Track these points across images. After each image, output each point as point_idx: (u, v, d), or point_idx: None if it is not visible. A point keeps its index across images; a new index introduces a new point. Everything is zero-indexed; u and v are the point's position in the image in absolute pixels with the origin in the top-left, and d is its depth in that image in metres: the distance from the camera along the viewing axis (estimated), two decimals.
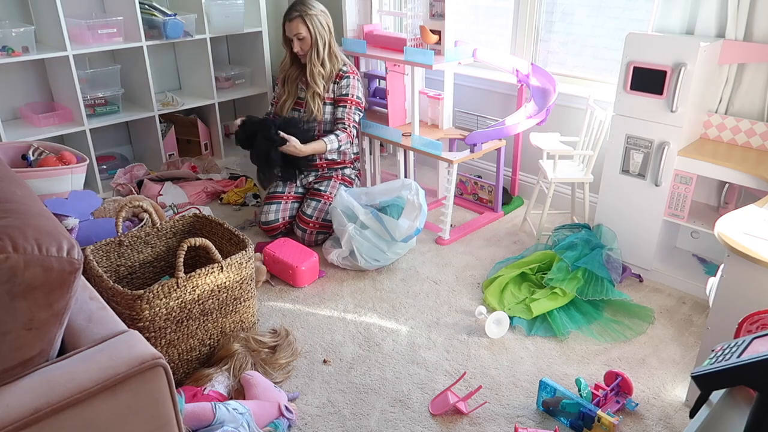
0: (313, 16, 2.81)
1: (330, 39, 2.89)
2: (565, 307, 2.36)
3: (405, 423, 1.89)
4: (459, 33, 3.42)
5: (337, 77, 2.92)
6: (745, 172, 2.21)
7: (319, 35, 2.84)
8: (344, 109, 2.90)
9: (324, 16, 2.86)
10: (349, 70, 2.92)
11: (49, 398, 1.03)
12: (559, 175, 2.75)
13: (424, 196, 2.70)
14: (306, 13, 2.81)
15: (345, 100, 2.90)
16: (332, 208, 2.75)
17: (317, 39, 2.84)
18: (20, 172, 2.60)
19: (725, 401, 1.01)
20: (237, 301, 2.08)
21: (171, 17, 3.34)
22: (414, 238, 2.71)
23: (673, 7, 2.45)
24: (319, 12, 2.85)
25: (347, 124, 2.90)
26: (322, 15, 2.86)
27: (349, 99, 2.90)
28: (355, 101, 2.92)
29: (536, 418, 1.91)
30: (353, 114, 2.93)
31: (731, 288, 1.70)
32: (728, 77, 2.41)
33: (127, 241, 2.16)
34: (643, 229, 2.57)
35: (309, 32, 2.83)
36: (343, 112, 2.91)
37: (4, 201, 1.14)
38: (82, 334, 1.20)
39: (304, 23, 2.81)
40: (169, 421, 1.20)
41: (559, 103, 3.03)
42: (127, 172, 3.40)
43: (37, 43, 3.08)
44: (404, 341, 2.26)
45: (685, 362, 2.14)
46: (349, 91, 2.90)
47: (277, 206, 2.97)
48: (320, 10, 2.86)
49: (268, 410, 1.82)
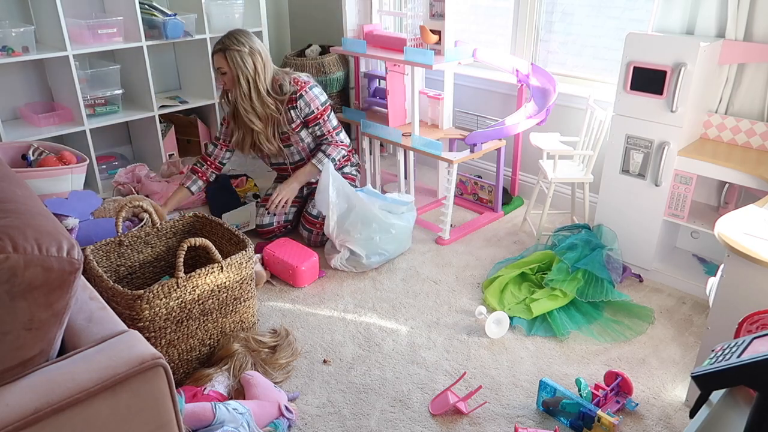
0: (234, 53, 2.60)
1: (256, 79, 2.65)
2: (565, 307, 2.36)
3: (405, 423, 1.89)
4: (459, 33, 3.42)
5: (290, 102, 2.73)
6: (745, 172, 2.21)
7: (240, 73, 2.62)
8: (319, 126, 2.79)
9: (252, 54, 2.63)
10: (297, 88, 2.72)
11: (49, 398, 1.03)
12: (559, 175, 2.75)
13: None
14: (228, 47, 2.61)
15: (313, 117, 2.77)
16: (318, 186, 2.66)
17: (239, 76, 2.63)
18: (20, 172, 2.61)
19: (725, 401, 1.01)
20: (237, 301, 2.08)
21: (171, 17, 3.34)
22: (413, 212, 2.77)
23: (673, 7, 2.45)
24: (247, 49, 2.61)
25: (329, 137, 2.82)
26: (250, 53, 2.62)
27: (317, 114, 2.77)
28: (322, 111, 2.77)
29: (536, 418, 1.91)
30: (329, 123, 2.81)
31: (731, 288, 1.70)
32: (728, 77, 2.41)
33: (127, 241, 2.16)
34: (643, 229, 2.57)
35: (230, 68, 2.63)
36: (320, 129, 2.80)
37: (4, 201, 1.14)
38: (82, 334, 1.20)
39: (224, 58, 2.62)
40: (169, 421, 1.20)
41: (559, 103, 3.03)
42: (128, 172, 3.41)
43: (37, 43, 3.08)
44: (404, 341, 2.26)
45: (685, 362, 2.14)
46: (311, 108, 2.75)
47: None
48: (249, 47, 2.63)
49: (268, 410, 1.82)
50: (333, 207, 2.61)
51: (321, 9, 4.06)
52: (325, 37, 4.05)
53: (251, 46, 2.64)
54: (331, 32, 4.01)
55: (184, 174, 3.48)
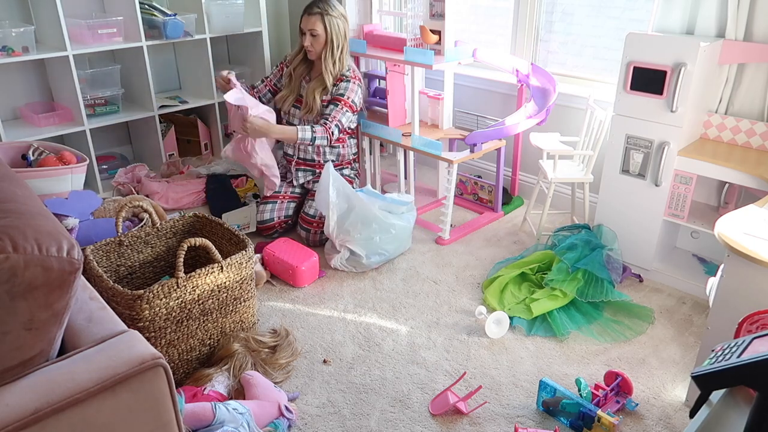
0: (333, 18, 2.84)
1: (344, 43, 2.90)
2: (565, 307, 2.36)
3: (405, 423, 1.89)
4: (459, 33, 3.42)
5: (338, 80, 2.91)
6: (745, 172, 2.21)
7: (335, 37, 2.86)
8: (334, 108, 2.86)
9: (343, 21, 2.88)
10: (351, 75, 2.91)
11: (49, 398, 1.03)
12: (559, 175, 2.75)
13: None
14: (327, 12, 2.84)
15: (338, 99, 2.87)
16: (318, 186, 2.68)
17: (333, 40, 2.86)
18: (20, 172, 2.60)
19: (725, 401, 1.01)
20: (237, 301, 2.08)
21: (171, 17, 3.34)
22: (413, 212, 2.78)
23: (673, 7, 2.45)
24: (339, 15, 2.87)
25: (330, 121, 2.83)
26: (341, 19, 2.88)
27: (343, 100, 2.86)
28: (348, 103, 2.87)
29: (536, 418, 1.91)
30: (341, 114, 2.85)
31: (731, 288, 1.70)
32: (728, 77, 2.41)
33: (127, 241, 2.16)
34: (643, 229, 2.57)
35: (325, 31, 2.84)
36: (332, 110, 2.86)
37: (4, 201, 1.14)
38: (82, 334, 1.20)
39: (322, 21, 2.83)
40: (169, 421, 1.20)
41: (559, 103, 3.03)
42: (128, 172, 3.41)
43: (37, 43, 3.07)
44: (404, 341, 2.26)
45: (685, 362, 2.14)
46: (345, 93, 2.87)
47: (272, 206, 2.97)
48: (341, 13, 2.88)
49: (268, 410, 1.82)
50: (333, 207, 2.61)
51: None
52: None
53: (342, 13, 2.90)
54: None
55: (184, 173, 3.48)
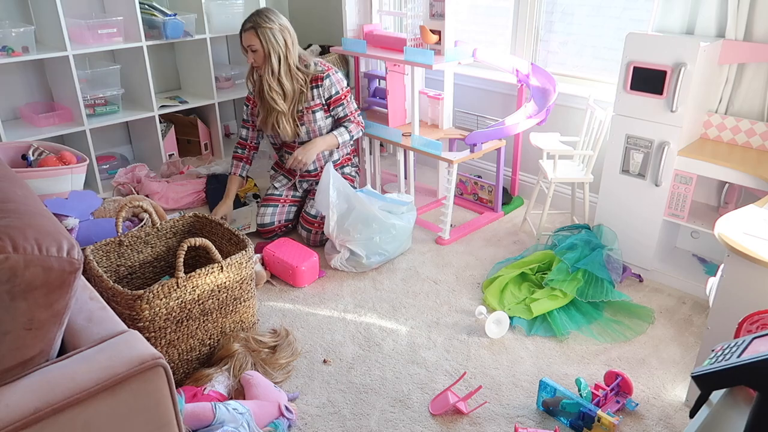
0: (266, 30, 2.66)
1: (287, 55, 2.73)
2: (565, 307, 2.36)
3: (405, 423, 1.89)
4: (459, 33, 3.42)
5: (314, 81, 2.81)
6: (745, 172, 2.21)
7: (272, 50, 2.68)
8: (343, 107, 2.88)
9: (282, 31, 2.70)
10: (324, 69, 2.82)
11: (49, 398, 1.03)
12: (559, 175, 2.75)
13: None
14: (260, 25, 2.66)
15: (338, 98, 2.86)
16: (319, 186, 2.69)
17: (270, 53, 2.69)
18: (20, 172, 2.61)
19: (725, 401, 1.01)
20: (237, 301, 2.08)
21: (171, 17, 3.34)
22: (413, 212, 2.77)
23: (673, 7, 2.45)
24: (277, 26, 2.69)
25: (351, 117, 2.90)
26: (280, 30, 2.70)
27: (342, 95, 2.86)
28: (345, 92, 2.88)
29: (536, 418, 1.91)
30: (351, 105, 2.91)
31: (731, 288, 1.70)
32: (728, 77, 2.41)
33: (127, 241, 2.16)
34: (643, 229, 2.57)
35: (261, 45, 2.69)
36: (344, 110, 2.88)
37: (4, 201, 1.14)
38: (82, 334, 1.20)
39: (256, 35, 2.67)
40: (169, 421, 1.20)
41: (559, 103, 3.03)
42: (128, 172, 3.41)
43: (37, 43, 3.08)
44: (404, 341, 2.26)
45: (685, 362, 2.14)
46: (337, 88, 2.85)
47: (273, 209, 2.96)
48: (279, 24, 2.70)
49: (268, 410, 1.82)
50: (333, 207, 2.61)
51: (321, 9, 4.06)
52: (325, 37, 4.05)
53: (281, 23, 2.73)
54: (331, 32, 4.01)
55: (184, 173, 3.48)
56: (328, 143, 2.88)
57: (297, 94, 2.81)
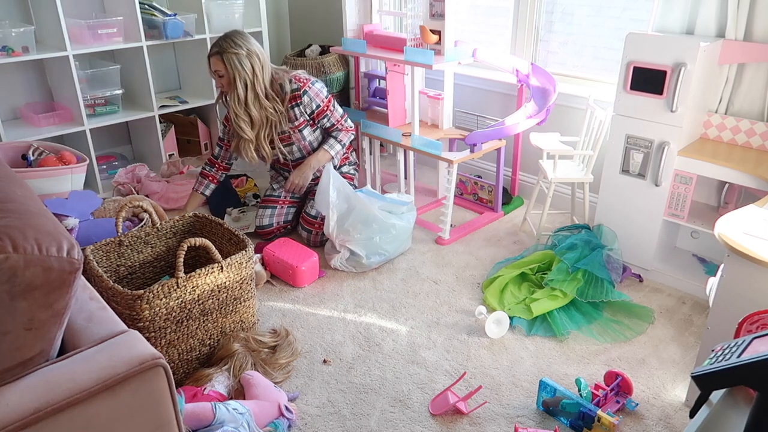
0: (232, 55, 2.57)
1: (254, 81, 2.63)
2: (565, 307, 2.36)
3: (405, 423, 1.89)
4: (459, 33, 3.42)
5: (293, 100, 2.72)
6: (745, 172, 2.21)
7: (238, 76, 2.59)
8: (327, 117, 2.80)
9: (249, 56, 2.60)
10: (300, 85, 2.71)
11: (49, 398, 1.03)
12: (559, 175, 2.75)
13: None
14: (225, 50, 2.58)
15: (320, 112, 2.78)
16: (319, 187, 2.68)
17: (236, 79, 2.60)
18: (20, 172, 2.61)
19: (725, 401, 1.01)
20: (237, 301, 2.08)
21: (171, 17, 3.35)
22: (413, 212, 2.78)
23: (673, 7, 2.45)
24: (244, 51, 2.59)
25: (339, 125, 2.85)
26: (247, 55, 2.59)
27: (323, 107, 2.78)
28: (327, 105, 2.79)
29: (536, 418, 1.91)
30: (336, 113, 2.83)
31: (731, 288, 1.70)
32: (728, 77, 2.41)
33: (127, 241, 2.16)
34: (643, 229, 2.57)
35: (227, 71, 2.60)
36: (329, 120, 2.81)
37: (4, 201, 1.14)
38: (82, 334, 1.20)
39: (221, 61, 2.60)
40: (169, 421, 1.20)
41: (559, 103, 3.03)
42: (128, 172, 3.41)
43: (37, 43, 3.08)
44: (404, 341, 2.26)
45: (685, 362, 2.14)
46: (317, 102, 2.75)
47: (272, 211, 2.96)
48: (247, 49, 2.60)
49: (268, 410, 1.82)
50: (333, 207, 2.61)
51: (321, 9, 4.06)
52: (325, 37, 4.05)
53: (248, 48, 2.61)
54: (331, 32, 4.01)
55: (184, 173, 3.48)
56: (320, 160, 2.85)
57: (266, 121, 2.72)
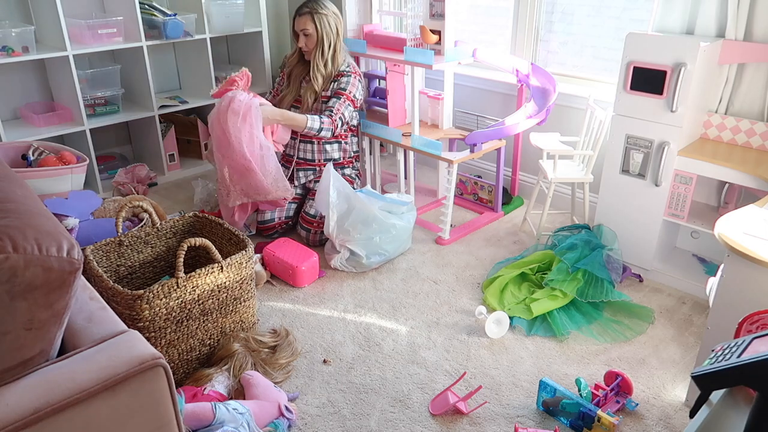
0: (322, 16, 2.84)
1: (336, 41, 2.90)
2: (565, 307, 2.36)
3: (405, 423, 1.89)
4: (459, 33, 3.42)
5: (337, 76, 2.92)
6: (745, 172, 2.21)
7: (325, 35, 2.86)
8: (337, 101, 2.88)
9: (335, 18, 2.89)
10: (351, 71, 2.93)
11: (49, 398, 1.03)
12: (559, 175, 2.75)
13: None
14: (316, 11, 2.84)
15: (340, 93, 2.89)
16: (319, 187, 2.69)
17: (323, 38, 2.86)
18: (20, 172, 2.61)
19: (725, 401, 1.01)
20: (237, 301, 2.08)
21: (171, 17, 3.34)
22: (413, 212, 2.78)
23: (673, 7, 2.45)
24: (330, 13, 2.87)
25: (334, 112, 2.87)
26: (333, 17, 2.88)
27: (345, 93, 2.89)
28: (350, 97, 2.90)
29: (536, 418, 1.91)
30: (344, 107, 2.89)
31: (731, 288, 1.70)
32: (728, 77, 2.41)
33: (127, 241, 2.16)
34: (643, 229, 2.57)
35: (316, 30, 2.85)
36: (334, 103, 2.88)
37: (4, 201, 1.14)
38: (82, 334, 1.20)
39: (312, 21, 2.84)
40: (169, 421, 1.20)
41: (559, 103, 3.03)
42: (128, 172, 3.41)
43: (37, 43, 3.08)
44: (404, 341, 2.26)
45: (685, 362, 2.14)
46: (346, 87, 2.90)
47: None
48: (332, 11, 2.89)
49: (268, 410, 1.82)
50: (333, 207, 2.61)
51: None
52: None
53: (334, 11, 2.90)
54: None
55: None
56: (294, 119, 2.80)
57: (333, 75, 2.93)
